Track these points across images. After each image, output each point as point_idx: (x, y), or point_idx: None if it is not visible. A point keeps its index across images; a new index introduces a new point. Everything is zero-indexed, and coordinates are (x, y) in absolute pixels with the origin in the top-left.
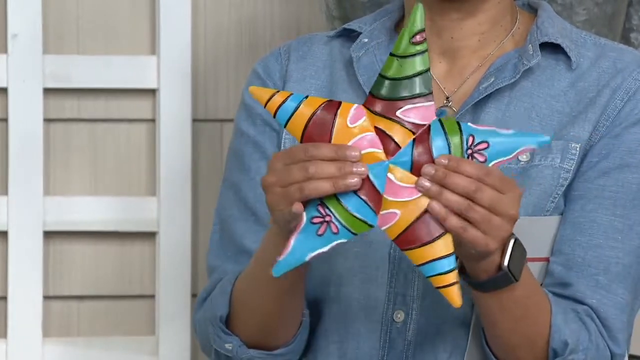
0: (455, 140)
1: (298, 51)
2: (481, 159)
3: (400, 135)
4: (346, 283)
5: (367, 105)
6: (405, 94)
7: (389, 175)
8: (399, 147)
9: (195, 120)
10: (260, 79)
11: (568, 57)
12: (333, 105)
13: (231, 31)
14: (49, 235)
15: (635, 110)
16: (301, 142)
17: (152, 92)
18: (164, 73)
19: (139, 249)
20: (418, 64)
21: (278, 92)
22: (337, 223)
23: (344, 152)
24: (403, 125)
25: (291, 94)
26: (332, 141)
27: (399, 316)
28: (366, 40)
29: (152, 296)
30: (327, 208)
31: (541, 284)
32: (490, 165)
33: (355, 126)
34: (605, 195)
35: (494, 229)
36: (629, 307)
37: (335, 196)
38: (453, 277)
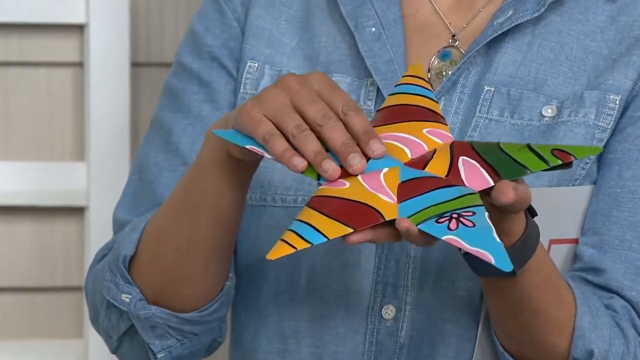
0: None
1: None
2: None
3: (436, 161)
4: (321, 270)
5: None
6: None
7: (381, 175)
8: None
9: (134, 65)
10: (216, 2)
11: None
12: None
13: None
14: None
15: None
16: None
17: (79, 29)
18: (95, 4)
19: (63, 228)
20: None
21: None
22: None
23: (368, 139)
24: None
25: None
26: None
27: (389, 312)
28: None
29: (80, 288)
30: None
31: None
32: (443, 238)
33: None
34: None
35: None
36: None
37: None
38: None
